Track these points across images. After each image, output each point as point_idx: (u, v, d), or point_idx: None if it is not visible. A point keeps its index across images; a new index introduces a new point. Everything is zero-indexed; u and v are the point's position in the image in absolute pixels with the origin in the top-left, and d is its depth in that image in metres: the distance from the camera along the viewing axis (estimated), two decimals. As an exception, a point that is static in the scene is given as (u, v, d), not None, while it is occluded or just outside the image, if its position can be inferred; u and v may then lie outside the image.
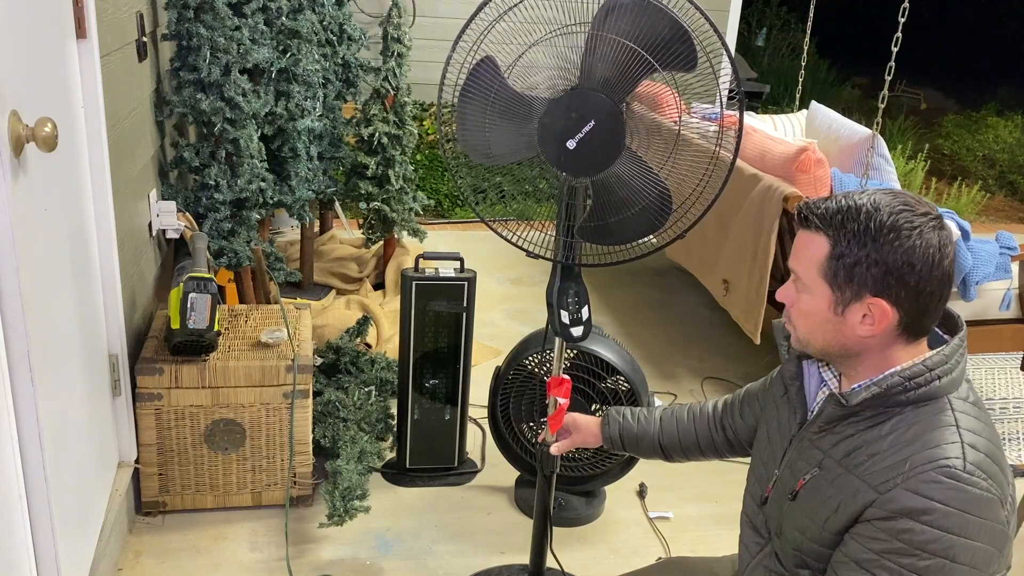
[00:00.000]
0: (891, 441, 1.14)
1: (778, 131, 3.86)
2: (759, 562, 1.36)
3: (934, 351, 1.17)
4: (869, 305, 1.14)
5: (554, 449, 1.75)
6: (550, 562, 2.00)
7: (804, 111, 3.93)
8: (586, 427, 1.72)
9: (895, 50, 2.56)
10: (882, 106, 2.65)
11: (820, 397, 1.30)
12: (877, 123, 2.74)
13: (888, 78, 2.60)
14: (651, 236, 1.64)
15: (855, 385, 1.20)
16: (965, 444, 1.10)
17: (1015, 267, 2.98)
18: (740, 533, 1.44)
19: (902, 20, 2.54)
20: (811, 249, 1.17)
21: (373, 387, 2.72)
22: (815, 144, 2.87)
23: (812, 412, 1.31)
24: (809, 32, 3.86)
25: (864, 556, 1.12)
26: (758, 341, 2.94)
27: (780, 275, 3.04)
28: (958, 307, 2.86)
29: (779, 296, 1.25)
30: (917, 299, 1.13)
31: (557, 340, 1.79)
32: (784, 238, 2.86)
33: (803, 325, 1.22)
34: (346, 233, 4.28)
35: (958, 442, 1.10)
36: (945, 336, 1.22)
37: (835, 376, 1.28)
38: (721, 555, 1.62)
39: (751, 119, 3.79)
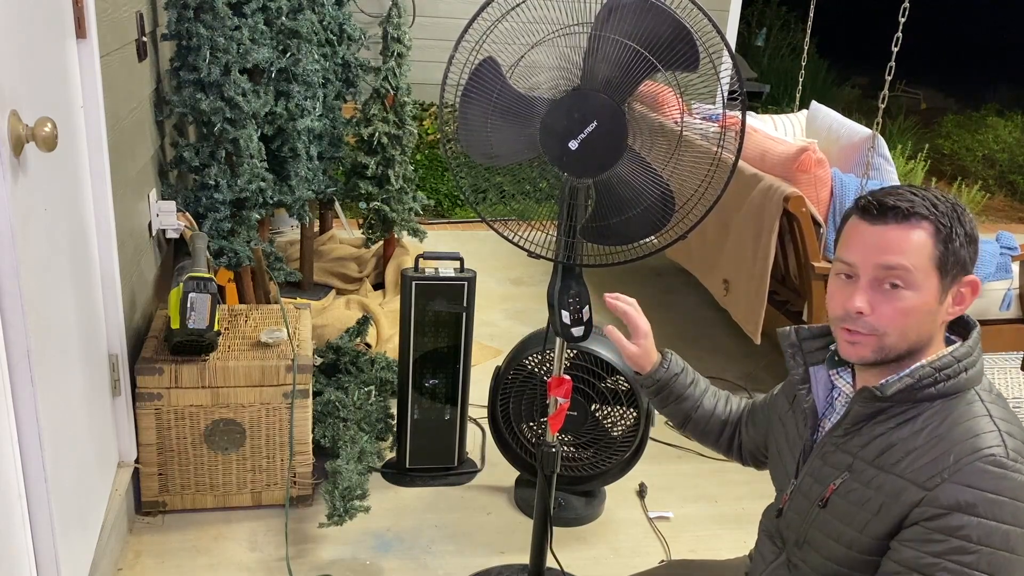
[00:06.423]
0: (926, 436, 1.13)
1: (778, 131, 3.85)
2: (773, 571, 1.35)
3: (956, 345, 1.18)
4: (963, 284, 1.16)
5: (608, 330, 1.57)
6: (550, 562, 1.99)
7: (804, 111, 3.93)
8: (642, 355, 1.55)
9: (895, 50, 2.56)
10: (882, 106, 2.65)
11: (838, 406, 1.29)
12: (877, 123, 2.74)
13: (888, 78, 2.60)
14: (653, 236, 1.63)
15: (885, 379, 1.18)
16: (1002, 432, 1.10)
17: (1015, 267, 2.98)
18: (756, 541, 1.43)
19: (902, 20, 2.54)
20: (912, 242, 1.12)
21: (373, 387, 2.72)
22: (815, 144, 2.87)
23: (831, 419, 1.29)
24: (809, 32, 3.85)
25: (924, 561, 1.09)
26: (758, 341, 2.94)
27: (780, 275, 3.04)
28: (958, 307, 2.87)
29: (857, 306, 1.14)
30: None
31: (558, 340, 1.79)
32: (784, 238, 2.85)
33: (899, 326, 1.14)
34: (346, 233, 4.27)
35: (996, 431, 1.10)
36: (954, 339, 1.22)
37: (849, 382, 1.28)
38: (724, 558, 1.62)
39: (751, 119, 3.78)
